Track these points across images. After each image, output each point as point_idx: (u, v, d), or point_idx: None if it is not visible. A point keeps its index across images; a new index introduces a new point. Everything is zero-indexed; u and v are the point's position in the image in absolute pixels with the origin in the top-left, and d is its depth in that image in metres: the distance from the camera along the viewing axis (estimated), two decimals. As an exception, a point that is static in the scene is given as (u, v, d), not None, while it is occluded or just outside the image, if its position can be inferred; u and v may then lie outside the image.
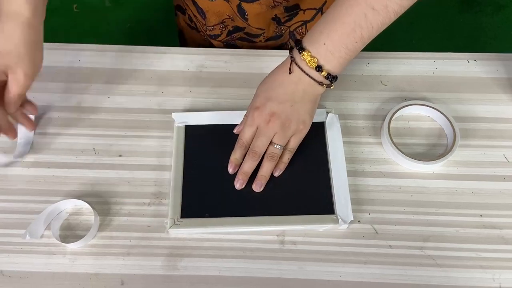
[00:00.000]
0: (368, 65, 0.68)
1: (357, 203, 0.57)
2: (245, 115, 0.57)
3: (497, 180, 0.59)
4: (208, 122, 0.61)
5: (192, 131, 0.61)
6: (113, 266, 0.53)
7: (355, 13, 0.50)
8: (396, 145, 0.59)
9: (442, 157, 0.59)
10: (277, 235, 0.55)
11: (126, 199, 0.57)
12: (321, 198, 0.56)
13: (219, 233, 0.55)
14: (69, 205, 0.56)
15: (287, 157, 0.57)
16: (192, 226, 0.54)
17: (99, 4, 1.58)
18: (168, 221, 0.54)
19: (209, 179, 0.58)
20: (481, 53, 0.70)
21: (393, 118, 0.62)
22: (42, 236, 0.54)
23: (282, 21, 0.74)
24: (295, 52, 0.53)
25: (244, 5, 0.69)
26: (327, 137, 0.60)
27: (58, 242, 0.53)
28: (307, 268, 0.53)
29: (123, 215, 0.56)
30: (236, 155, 0.57)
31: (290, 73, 0.53)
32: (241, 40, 0.78)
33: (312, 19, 0.74)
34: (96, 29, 1.54)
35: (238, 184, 0.56)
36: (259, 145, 0.55)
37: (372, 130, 0.63)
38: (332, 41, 0.51)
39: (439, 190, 0.58)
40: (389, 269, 0.53)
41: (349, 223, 0.54)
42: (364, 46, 0.52)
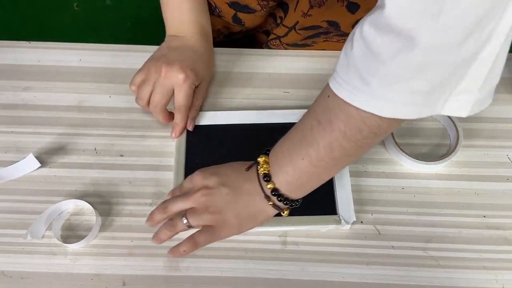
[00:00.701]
0: (370, 64, 0.67)
1: (360, 203, 0.57)
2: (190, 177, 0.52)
3: (500, 180, 0.59)
4: (210, 122, 0.61)
5: (194, 131, 0.60)
6: (114, 267, 0.53)
7: (304, 123, 0.45)
8: (398, 145, 0.59)
9: (445, 157, 0.58)
10: (279, 236, 0.55)
11: (128, 199, 0.57)
12: (324, 199, 0.55)
13: None
14: (71, 205, 0.56)
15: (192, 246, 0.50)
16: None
17: (100, 3, 1.58)
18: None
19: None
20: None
21: (396, 118, 0.61)
22: (43, 237, 0.54)
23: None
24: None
25: (240, 14, 0.68)
26: None
27: (60, 242, 0.53)
28: (309, 269, 0.53)
29: (124, 215, 0.56)
30: (154, 215, 0.51)
31: (247, 169, 0.49)
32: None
33: (286, 35, 0.71)
34: (97, 28, 1.53)
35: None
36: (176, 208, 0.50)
37: (374, 130, 0.62)
38: (282, 150, 0.47)
39: (442, 190, 0.58)
40: (392, 270, 0.53)
41: (352, 223, 0.54)
42: (315, 177, 0.47)
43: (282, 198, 0.47)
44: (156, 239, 0.51)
